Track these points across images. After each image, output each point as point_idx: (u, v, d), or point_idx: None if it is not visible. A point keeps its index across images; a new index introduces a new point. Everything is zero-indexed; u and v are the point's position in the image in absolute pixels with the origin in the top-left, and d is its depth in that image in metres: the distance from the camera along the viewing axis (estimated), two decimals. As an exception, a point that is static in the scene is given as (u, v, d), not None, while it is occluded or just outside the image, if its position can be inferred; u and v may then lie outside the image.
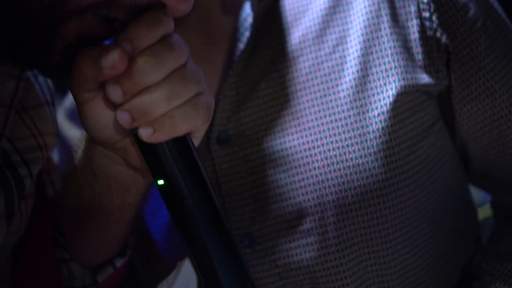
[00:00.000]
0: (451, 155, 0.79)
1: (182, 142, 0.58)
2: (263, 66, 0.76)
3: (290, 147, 0.74)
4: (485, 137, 0.78)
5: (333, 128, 0.73)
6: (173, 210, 0.59)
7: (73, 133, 0.84)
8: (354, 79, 0.74)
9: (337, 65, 0.74)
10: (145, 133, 0.56)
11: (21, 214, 0.67)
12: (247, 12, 0.77)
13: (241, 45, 0.76)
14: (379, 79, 0.73)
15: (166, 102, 0.56)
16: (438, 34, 0.74)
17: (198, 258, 0.58)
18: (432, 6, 0.74)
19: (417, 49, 0.74)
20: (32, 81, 0.70)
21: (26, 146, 0.68)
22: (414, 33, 0.74)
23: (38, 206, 0.72)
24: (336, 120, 0.73)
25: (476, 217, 0.86)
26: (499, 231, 0.84)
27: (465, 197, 0.84)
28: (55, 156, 0.85)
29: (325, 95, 0.74)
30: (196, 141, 0.61)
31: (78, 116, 0.62)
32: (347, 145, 0.73)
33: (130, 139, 0.61)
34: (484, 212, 0.96)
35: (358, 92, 0.73)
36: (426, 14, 0.74)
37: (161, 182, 0.58)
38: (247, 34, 0.76)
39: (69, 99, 0.87)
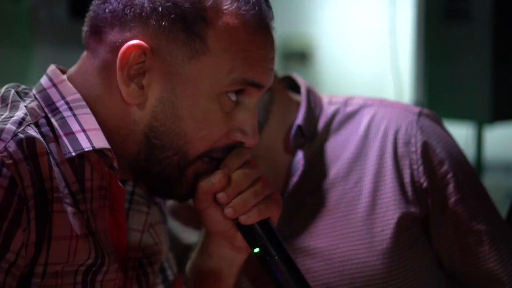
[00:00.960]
0: (431, 259, 1.16)
1: (265, 223, 0.98)
2: (308, 192, 1.15)
3: (322, 246, 1.12)
4: (449, 249, 1.15)
5: (351, 237, 1.12)
6: (267, 267, 0.98)
7: (172, 224, 1.23)
8: (367, 206, 1.13)
9: (356, 196, 1.14)
10: (243, 219, 0.97)
11: None
12: (300, 156, 1.16)
13: (294, 179, 1.15)
14: (382, 207, 1.12)
15: (254, 198, 0.97)
16: (422, 180, 1.13)
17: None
18: (420, 161, 1.13)
19: (408, 189, 1.13)
20: (156, 208, 1.10)
21: (151, 252, 1.06)
22: (407, 178, 1.13)
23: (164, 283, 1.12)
24: (353, 232, 1.12)
25: None
26: None
27: (441, 280, 1.20)
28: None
29: (347, 215, 1.13)
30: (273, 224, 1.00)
31: (175, 213, 1.03)
32: (360, 249, 1.11)
33: (233, 229, 0.99)
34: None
35: (368, 215, 1.12)
36: (415, 167, 1.13)
37: (256, 250, 0.98)
38: (298, 172, 1.15)
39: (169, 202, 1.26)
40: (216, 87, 0.93)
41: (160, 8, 0.91)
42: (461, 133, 3.92)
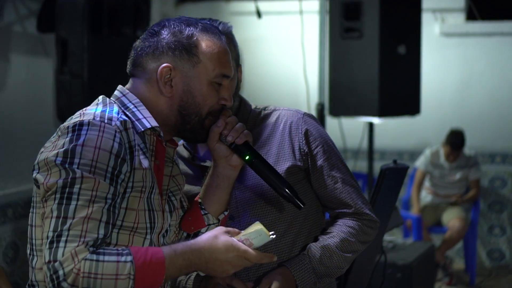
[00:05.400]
0: (312, 195, 1.99)
1: (247, 142, 1.77)
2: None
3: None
4: (319, 187, 1.98)
5: None
6: (254, 167, 1.76)
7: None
8: (273, 161, 1.93)
9: (268, 155, 1.94)
10: (237, 140, 1.75)
11: (177, 213, 1.84)
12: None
13: None
14: (281, 160, 1.94)
15: (240, 129, 1.75)
16: (304, 148, 1.95)
17: (267, 177, 1.74)
18: (303, 138, 1.96)
19: (296, 152, 1.95)
20: (176, 166, 1.88)
21: (173, 189, 1.84)
22: (296, 146, 1.95)
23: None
24: None
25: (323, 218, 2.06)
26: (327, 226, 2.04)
27: (319, 208, 2.04)
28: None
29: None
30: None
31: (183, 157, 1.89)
32: None
33: (230, 154, 1.77)
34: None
35: (275, 163, 1.92)
36: (301, 141, 1.96)
37: (247, 157, 1.77)
38: None
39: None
40: (209, 78, 1.68)
41: (172, 45, 1.67)
42: (357, 125, 4.80)
